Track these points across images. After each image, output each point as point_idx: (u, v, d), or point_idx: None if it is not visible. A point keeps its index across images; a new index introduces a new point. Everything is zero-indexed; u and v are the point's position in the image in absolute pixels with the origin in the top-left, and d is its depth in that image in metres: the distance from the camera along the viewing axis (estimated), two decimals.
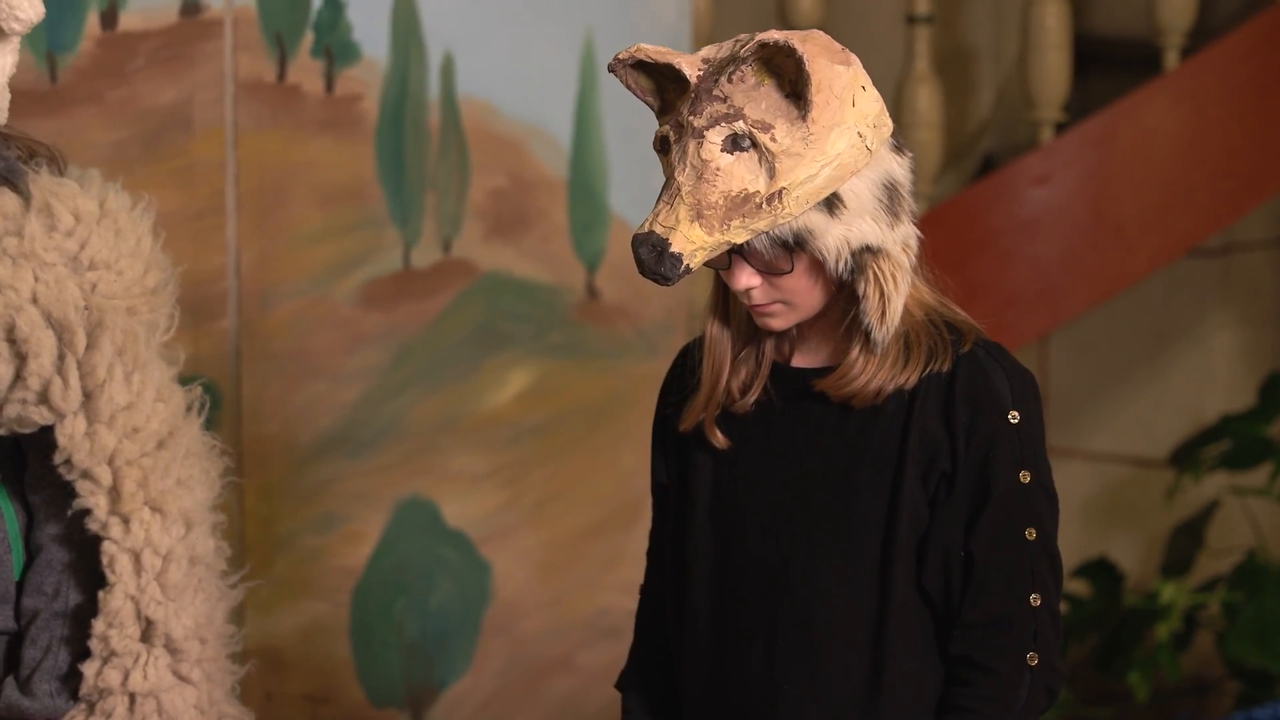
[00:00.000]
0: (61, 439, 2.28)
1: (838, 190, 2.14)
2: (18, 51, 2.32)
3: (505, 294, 3.62)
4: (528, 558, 3.70)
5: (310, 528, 3.34)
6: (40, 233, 2.29)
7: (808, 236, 2.14)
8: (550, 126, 3.67)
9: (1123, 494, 5.09)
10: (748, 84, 2.12)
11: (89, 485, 2.30)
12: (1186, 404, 5.05)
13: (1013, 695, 2.23)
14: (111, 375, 2.29)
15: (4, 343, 2.26)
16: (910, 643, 2.25)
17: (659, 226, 2.11)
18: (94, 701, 2.32)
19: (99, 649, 2.31)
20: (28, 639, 2.35)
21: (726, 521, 2.30)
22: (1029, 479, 2.23)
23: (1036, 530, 2.24)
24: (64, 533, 2.34)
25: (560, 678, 3.79)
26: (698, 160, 2.11)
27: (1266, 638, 4.42)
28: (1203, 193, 4.52)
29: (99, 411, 2.29)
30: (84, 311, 2.28)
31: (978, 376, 2.23)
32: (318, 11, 3.27)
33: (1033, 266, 4.46)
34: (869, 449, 2.23)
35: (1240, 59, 4.52)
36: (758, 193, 2.11)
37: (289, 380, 3.27)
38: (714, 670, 2.30)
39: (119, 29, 2.97)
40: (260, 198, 3.20)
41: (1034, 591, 2.23)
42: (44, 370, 2.27)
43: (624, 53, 2.18)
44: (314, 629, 3.37)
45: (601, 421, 3.79)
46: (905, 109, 4.50)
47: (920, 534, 2.23)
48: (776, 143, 2.10)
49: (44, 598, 2.34)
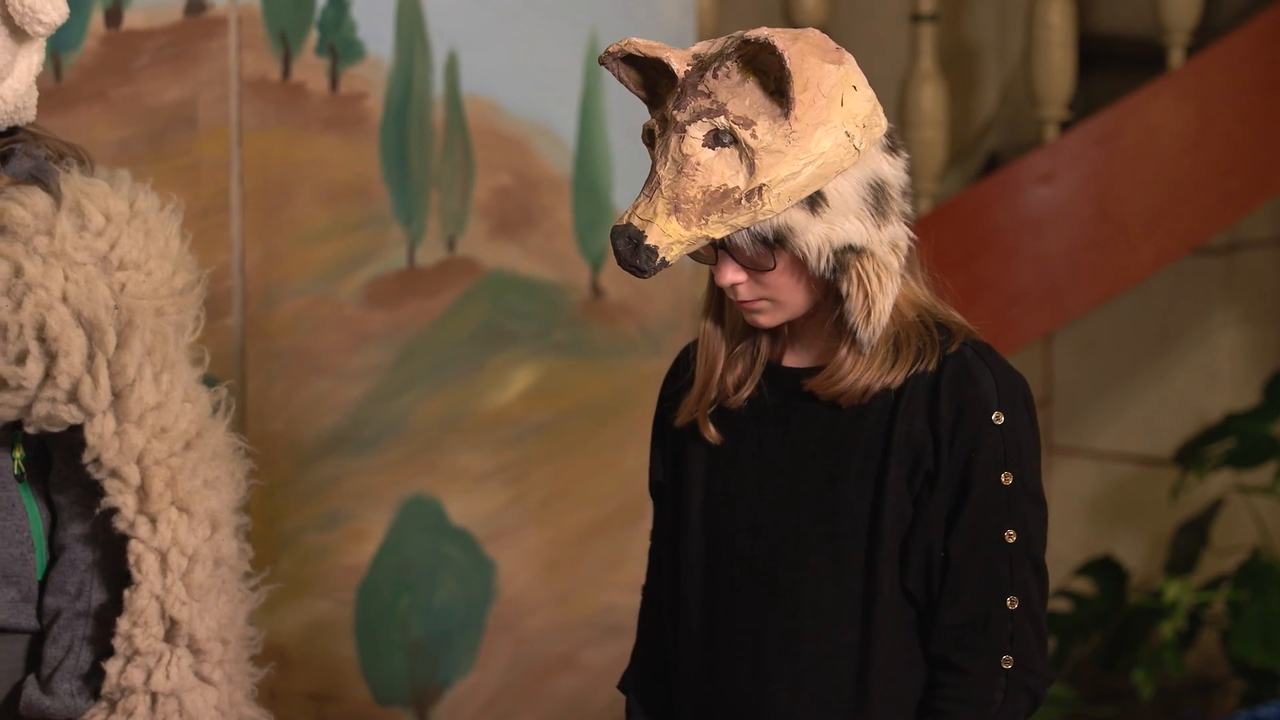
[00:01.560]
0: (91, 438, 2.30)
1: (821, 189, 2.13)
2: (43, 51, 2.34)
3: (510, 292, 3.62)
4: (532, 556, 3.70)
5: (315, 526, 3.34)
6: (71, 232, 2.31)
7: (788, 234, 2.13)
8: (555, 125, 3.67)
9: (1127, 492, 5.09)
10: (732, 80, 2.12)
11: (117, 484, 2.31)
12: (1191, 402, 5.05)
13: (987, 698, 2.22)
14: (141, 375, 2.31)
15: (34, 341, 2.28)
16: (897, 643, 2.24)
17: (636, 219, 2.12)
18: (116, 700, 2.33)
19: (123, 647, 2.33)
20: (49, 638, 2.36)
21: (718, 521, 2.30)
22: (1010, 480, 2.21)
23: (1017, 533, 2.22)
24: (89, 532, 2.35)
25: (564, 676, 3.79)
26: (679, 154, 2.12)
27: (1271, 636, 4.42)
28: (1207, 191, 4.52)
29: (128, 411, 2.31)
30: (114, 311, 2.30)
31: (963, 376, 2.22)
32: (322, 10, 3.27)
33: (1037, 265, 4.46)
34: (856, 447, 2.23)
35: (1245, 57, 4.52)
36: (737, 188, 2.11)
37: (293, 378, 3.28)
38: (705, 670, 2.31)
39: (123, 27, 2.97)
40: (265, 196, 3.20)
41: (1011, 594, 2.22)
42: (74, 369, 2.28)
43: (614, 46, 2.18)
44: (318, 627, 3.37)
45: (606, 420, 3.79)
46: (909, 107, 4.50)
47: (903, 533, 2.23)
48: (757, 139, 2.10)
49: (66, 597, 2.35)
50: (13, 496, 2.35)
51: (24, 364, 2.27)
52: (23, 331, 2.27)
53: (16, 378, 2.28)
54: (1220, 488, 4.84)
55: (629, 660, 2.46)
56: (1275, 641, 4.41)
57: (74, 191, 2.32)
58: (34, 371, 2.28)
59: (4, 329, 2.27)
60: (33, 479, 2.37)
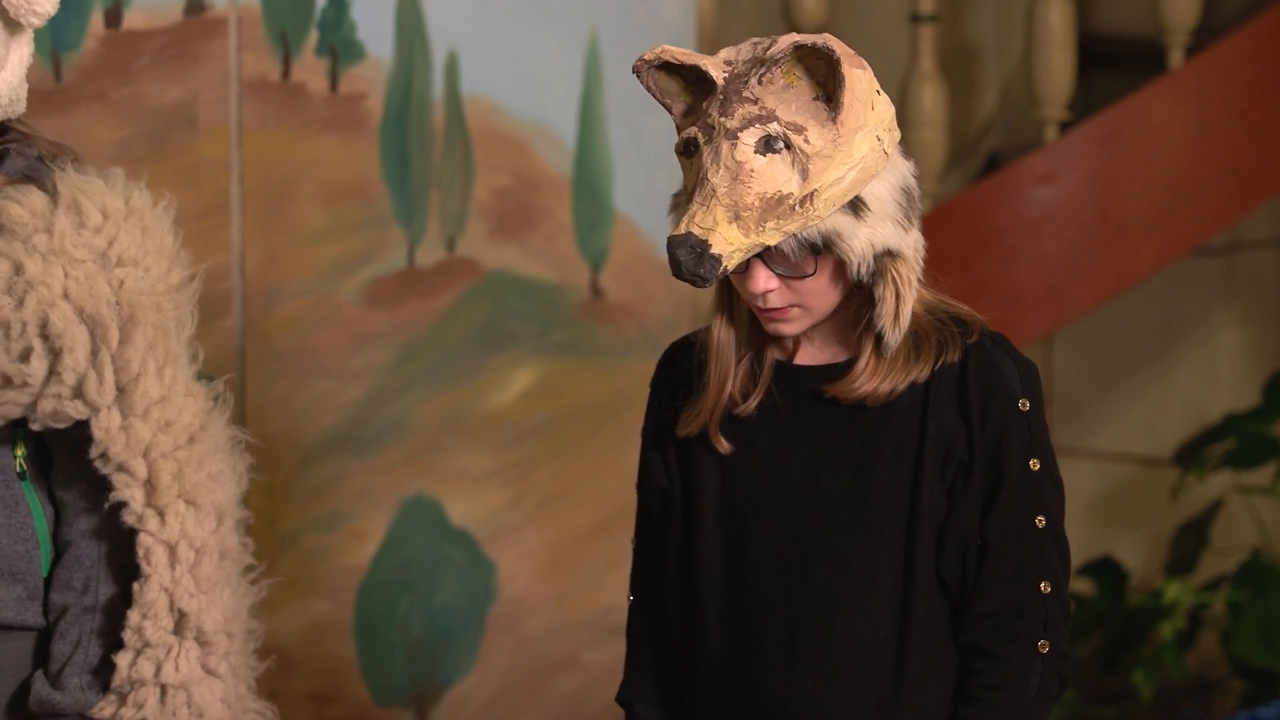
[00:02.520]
0: (98, 433, 2.31)
1: (860, 193, 2.14)
2: (32, 43, 2.34)
3: (510, 293, 3.62)
4: (532, 556, 3.70)
5: (315, 526, 3.34)
6: (70, 229, 2.32)
7: (835, 239, 2.15)
8: (555, 125, 3.67)
9: (1127, 493, 5.09)
10: (777, 85, 2.12)
11: (125, 478, 2.32)
12: (1191, 403, 5.05)
13: (1024, 683, 2.24)
14: (145, 369, 2.32)
15: (38, 338, 2.28)
16: (932, 633, 2.26)
17: (696, 228, 2.11)
18: (125, 693, 2.34)
19: (133, 640, 2.34)
20: (57, 634, 2.37)
21: (737, 525, 2.29)
22: (1038, 467, 2.24)
23: (1046, 518, 2.25)
24: (94, 528, 2.36)
25: (565, 676, 3.79)
26: (731, 161, 2.11)
27: (1271, 636, 4.42)
28: (1208, 191, 4.52)
29: (133, 405, 2.32)
30: (115, 307, 2.31)
31: (988, 365, 2.25)
32: (322, 10, 3.27)
33: (1037, 265, 4.46)
34: (886, 443, 2.24)
35: (1245, 57, 4.52)
36: (791, 194, 2.11)
37: (293, 379, 3.27)
38: (731, 676, 2.29)
39: (123, 28, 2.97)
40: (265, 196, 3.20)
41: (1044, 579, 2.24)
42: (79, 365, 2.29)
43: (649, 53, 2.18)
44: (318, 628, 3.37)
45: (606, 420, 3.79)
46: (910, 108, 4.50)
47: (938, 525, 2.24)
48: (810, 144, 2.11)
49: (73, 593, 2.36)
50: (16, 494, 2.36)
51: (28, 361, 2.28)
52: (26, 329, 2.28)
53: (21, 375, 2.28)
54: (1220, 488, 4.84)
55: (625, 673, 2.43)
56: (1275, 642, 4.41)
57: (71, 189, 2.33)
58: (38, 368, 2.28)
59: (7, 327, 2.28)
60: (35, 476, 2.38)
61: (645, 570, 2.41)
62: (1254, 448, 4.62)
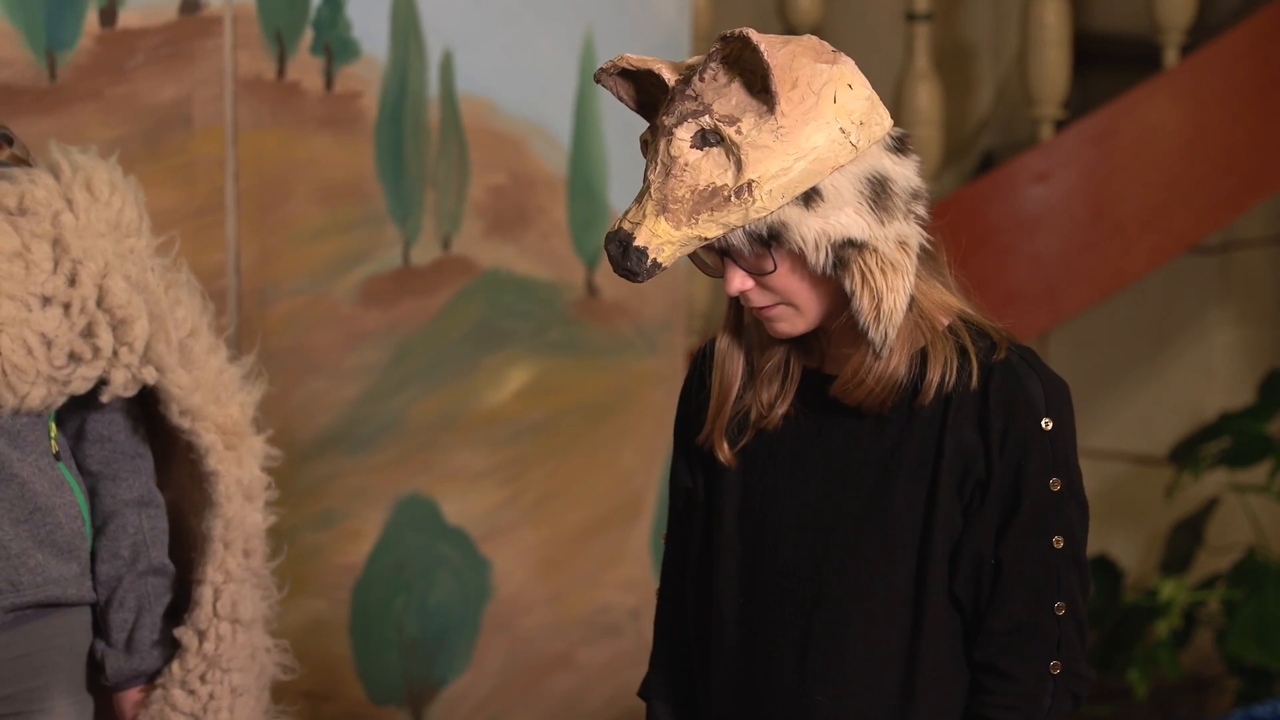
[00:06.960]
0: (174, 389, 2.43)
1: (817, 185, 2.13)
2: None
3: (505, 291, 3.62)
4: (527, 555, 3.70)
5: (310, 525, 3.34)
6: (88, 205, 2.41)
7: (782, 229, 2.12)
8: (550, 124, 3.67)
9: (1122, 491, 5.09)
10: (719, 82, 2.13)
11: (205, 425, 2.47)
12: (1186, 401, 5.05)
13: (1035, 703, 2.22)
14: (198, 325, 2.47)
15: (99, 311, 2.37)
16: (943, 650, 2.24)
17: (626, 223, 2.14)
18: (204, 629, 2.46)
19: (214, 576, 2.47)
20: (114, 603, 2.47)
21: (756, 531, 2.29)
22: (1059, 487, 2.21)
23: (1065, 539, 2.22)
24: (136, 497, 2.48)
25: (560, 675, 3.79)
26: (667, 158, 2.13)
27: (1266, 635, 4.42)
28: (1203, 190, 4.52)
29: (194, 360, 2.46)
30: (152, 271, 2.43)
31: (1012, 383, 2.21)
32: (317, 9, 3.27)
33: (1033, 264, 4.46)
34: (904, 458, 2.22)
35: (1240, 56, 4.52)
36: (725, 185, 2.11)
37: (288, 377, 3.27)
38: (743, 681, 2.29)
39: (118, 26, 2.97)
40: (260, 195, 3.20)
41: (1059, 600, 2.22)
42: (144, 331, 2.40)
43: (608, 63, 2.21)
44: (314, 626, 3.37)
45: (601, 419, 3.79)
46: (905, 106, 4.50)
47: (953, 541, 2.22)
48: (742, 135, 2.10)
49: (122, 562, 2.47)
50: (59, 475, 2.44)
51: (95, 335, 2.37)
52: (86, 305, 2.37)
53: (91, 349, 2.37)
54: (1215, 486, 4.84)
55: (648, 668, 2.43)
56: (1270, 640, 4.41)
57: (76, 166, 2.41)
58: (107, 340, 2.37)
59: (66, 306, 2.36)
60: (65, 457, 2.46)
61: (672, 565, 2.42)
62: (1249, 446, 4.63)
